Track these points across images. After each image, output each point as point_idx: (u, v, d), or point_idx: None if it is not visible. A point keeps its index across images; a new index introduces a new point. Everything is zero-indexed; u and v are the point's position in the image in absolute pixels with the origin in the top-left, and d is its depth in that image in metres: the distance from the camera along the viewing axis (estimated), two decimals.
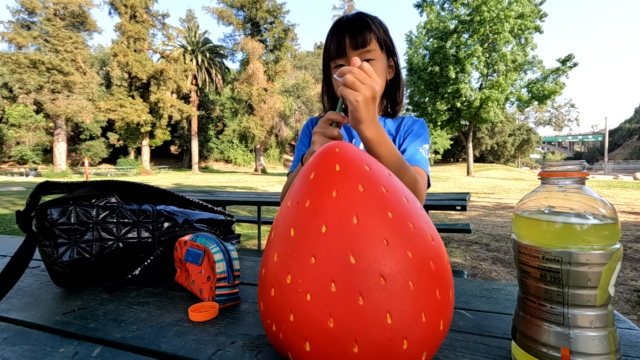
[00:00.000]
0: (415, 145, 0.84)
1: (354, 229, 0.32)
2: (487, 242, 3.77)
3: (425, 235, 0.34)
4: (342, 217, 0.32)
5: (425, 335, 0.31)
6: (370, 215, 0.32)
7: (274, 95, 27.02)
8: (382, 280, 0.30)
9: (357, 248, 0.31)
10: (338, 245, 0.31)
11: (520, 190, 9.77)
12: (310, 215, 0.34)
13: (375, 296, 0.30)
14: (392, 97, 0.91)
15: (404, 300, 0.30)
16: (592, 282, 0.32)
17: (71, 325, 0.50)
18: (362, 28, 0.79)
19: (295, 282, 0.32)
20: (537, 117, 42.01)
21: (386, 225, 0.32)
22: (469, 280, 0.67)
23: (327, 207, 0.33)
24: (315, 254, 0.32)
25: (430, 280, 0.32)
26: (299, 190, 0.36)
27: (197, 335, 0.46)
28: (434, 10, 17.92)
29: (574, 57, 16.21)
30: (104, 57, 33.48)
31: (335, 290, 0.30)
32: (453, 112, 18.20)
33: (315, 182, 0.36)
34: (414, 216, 0.35)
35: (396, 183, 0.37)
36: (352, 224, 0.32)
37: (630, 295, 2.24)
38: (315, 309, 0.31)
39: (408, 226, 0.33)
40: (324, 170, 0.36)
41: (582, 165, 0.35)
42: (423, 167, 0.81)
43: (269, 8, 27.23)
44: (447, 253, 0.37)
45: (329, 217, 0.33)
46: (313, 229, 0.33)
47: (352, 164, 0.36)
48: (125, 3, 25.00)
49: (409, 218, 0.34)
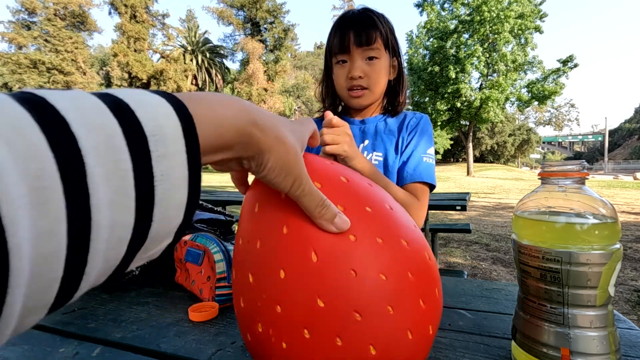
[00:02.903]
0: (419, 152, 0.82)
1: (315, 268, 0.28)
2: (487, 242, 3.77)
3: (398, 245, 0.30)
4: (298, 257, 0.28)
5: (415, 348, 0.30)
6: (330, 247, 0.28)
7: (274, 95, 27.04)
8: (357, 315, 0.27)
9: (322, 289, 0.28)
10: (301, 290, 0.28)
11: (520, 190, 9.77)
12: (263, 259, 0.30)
13: (353, 333, 0.27)
14: (393, 97, 0.90)
15: (384, 328, 0.28)
16: (592, 282, 0.32)
17: (71, 325, 0.50)
18: (368, 25, 0.77)
19: (267, 332, 0.29)
20: (537, 117, 42.03)
21: (350, 253, 0.28)
22: (469, 280, 0.67)
23: (279, 248, 0.29)
24: (280, 302, 0.28)
25: (410, 293, 0.29)
26: (247, 227, 0.32)
27: (197, 335, 0.46)
28: (434, 10, 17.92)
29: (574, 57, 16.20)
30: (104, 57, 33.46)
31: (310, 337, 0.28)
32: (453, 112, 18.20)
33: (261, 217, 0.31)
34: (380, 226, 0.30)
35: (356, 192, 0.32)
36: (312, 263, 0.28)
37: (630, 295, 2.24)
38: (294, 356, 0.28)
39: (376, 243, 0.29)
40: (267, 199, 0.31)
41: (582, 165, 0.35)
42: (426, 178, 0.79)
43: (269, 8, 27.25)
44: (427, 247, 0.34)
45: (284, 259, 0.29)
46: (270, 275, 0.29)
47: None
48: (125, 3, 25.01)
49: (376, 233, 0.30)
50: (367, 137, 0.86)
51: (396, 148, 0.84)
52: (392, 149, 0.84)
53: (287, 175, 0.25)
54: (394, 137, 0.85)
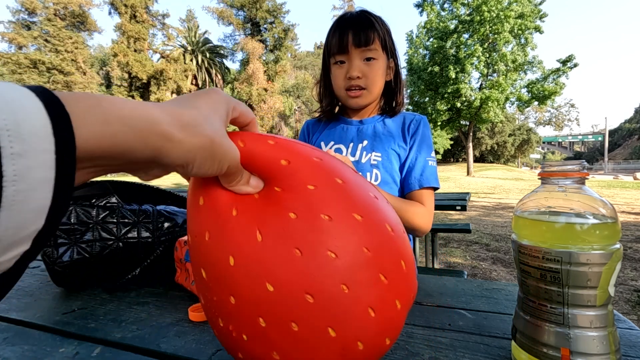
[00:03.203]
0: (424, 157, 0.84)
1: (260, 249, 0.27)
2: (487, 242, 3.77)
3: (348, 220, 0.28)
4: (245, 239, 0.27)
5: (381, 326, 0.28)
6: (274, 227, 0.27)
7: (274, 95, 27.04)
8: (308, 297, 0.26)
9: (269, 271, 0.26)
10: (250, 275, 0.27)
11: (520, 190, 9.77)
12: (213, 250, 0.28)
13: (308, 317, 0.26)
14: (390, 98, 0.91)
15: (341, 308, 0.26)
16: (592, 282, 0.32)
17: (71, 325, 0.50)
18: (366, 26, 0.79)
19: (227, 327, 0.29)
20: (537, 117, 42.01)
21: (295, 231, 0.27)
22: (469, 280, 0.67)
23: (226, 234, 0.28)
24: (233, 293, 0.27)
25: (368, 269, 0.28)
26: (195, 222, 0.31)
27: (197, 335, 0.46)
28: (434, 10, 17.92)
29: (574, 57, 16.19)
30: (104, 57, 33.46)
31: (266, 325, 0.27)
32: (453, 112, 18.20)
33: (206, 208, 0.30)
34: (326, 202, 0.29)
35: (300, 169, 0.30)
36: (258, 244, 0.27)
37: (630, 295, 2.24)
38: (256, 347, 0.28)
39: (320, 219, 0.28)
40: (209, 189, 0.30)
41: (582, 165, 0.35)
42: (433, 183, 0.81)
43: (269, 8, 27.26)
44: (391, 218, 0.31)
45: (233, 244, 0.28)
46: (221, 265, 0.28)
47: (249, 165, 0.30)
48: (125, 3, 25.03)
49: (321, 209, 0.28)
50: (366, 137, 0.87)
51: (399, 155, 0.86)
52: (392, 149, 0.84)
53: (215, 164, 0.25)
54: (393, 139, 0.85)
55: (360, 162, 0.84)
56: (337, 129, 0.91)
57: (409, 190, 0.82)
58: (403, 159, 0.85)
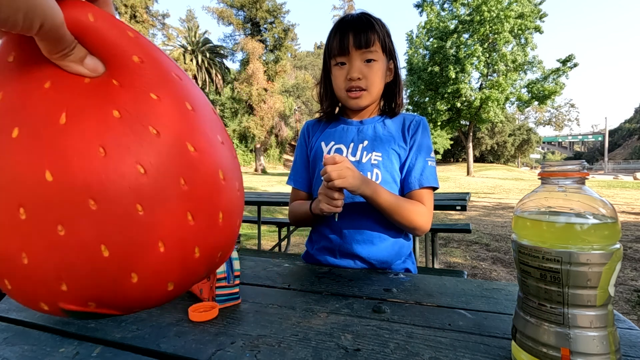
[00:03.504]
0: (423, 157, 0.85)
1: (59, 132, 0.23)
2: (487, 242, 3.78)
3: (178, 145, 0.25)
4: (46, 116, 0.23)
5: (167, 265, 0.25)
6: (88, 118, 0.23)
7: (274, 95, 27.05)
8: (91, 202, 0.22)
9: (59, 159, 0.22)
10: (31, 155, 0.22)
11: (520, 190, 9.78)
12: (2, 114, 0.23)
13: (81, 224, 0.22)
14: (390, 100, 0.92)
15: (126, 228, 0.23)
16: (592, 282, 0.32)
17: (71, 325, 0.50)
18: (367, 28, 0.80)
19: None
20: (537, 117, 41.99)
21: (105, 127, 0.23)
22: (469, 280, 0.67)
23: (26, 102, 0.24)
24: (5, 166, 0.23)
25: (175, 201, 0.25)
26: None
27: (197, 335, 0.46)
28: (434, 10, 17.93)
29: (574, 57, 16.21)
30: None
31: (25, 218, 0.22)
32: (453, 112, 18.20)
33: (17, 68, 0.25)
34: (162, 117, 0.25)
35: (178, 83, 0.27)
36: (59, 125, 0.23)
37: (630, 295, 2.24)
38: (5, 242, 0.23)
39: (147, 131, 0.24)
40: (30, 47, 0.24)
41: (582, 165, 0.35)
42: (432, 183, 0.83)
43: (269, 8, 27.27)
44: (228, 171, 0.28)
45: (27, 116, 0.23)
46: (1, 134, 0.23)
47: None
48: (125, 3, 25.04)
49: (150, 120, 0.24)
50: (366, 137, 0.87)
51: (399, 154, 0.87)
52: (392, 149, 0.85)
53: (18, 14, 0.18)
54: (394, 139, 0.86)
55: (361, 162, 0.85)
56: (337, 129, 0.91)
57: (409, 190, 0.83)
58: (403, 159, 0.86)
